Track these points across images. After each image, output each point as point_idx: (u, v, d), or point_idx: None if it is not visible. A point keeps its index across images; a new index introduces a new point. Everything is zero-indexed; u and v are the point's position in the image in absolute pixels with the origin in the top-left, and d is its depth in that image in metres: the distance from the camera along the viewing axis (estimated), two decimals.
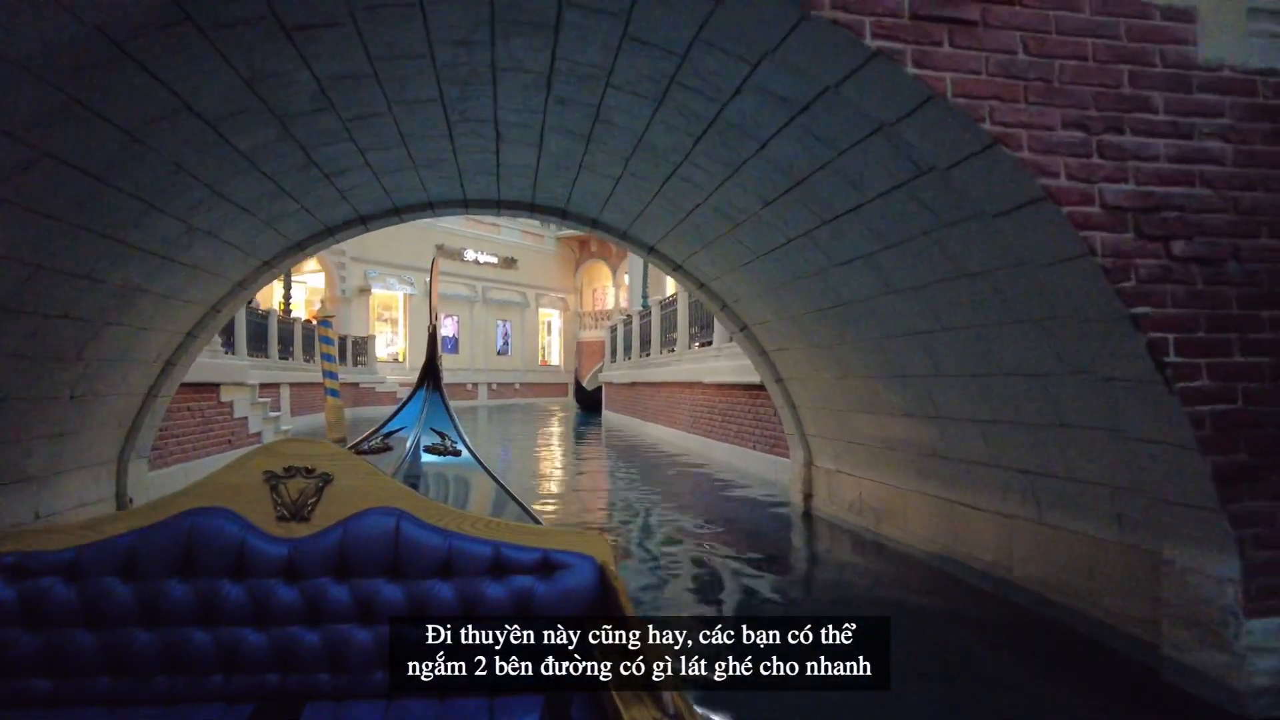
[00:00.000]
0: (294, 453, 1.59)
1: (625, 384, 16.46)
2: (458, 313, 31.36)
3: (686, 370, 11.08)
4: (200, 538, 1.50)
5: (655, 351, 13.91)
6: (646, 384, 14.19)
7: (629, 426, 15.73)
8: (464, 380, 31.00)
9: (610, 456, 11.18)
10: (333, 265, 26.65)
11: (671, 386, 12.11)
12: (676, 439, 11.61)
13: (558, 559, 1.60)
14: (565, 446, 13.50)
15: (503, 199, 5.60)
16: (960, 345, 3.59)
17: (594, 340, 35.44)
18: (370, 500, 1.59)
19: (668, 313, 13.18)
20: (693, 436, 10.74)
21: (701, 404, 10.29)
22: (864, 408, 4.82)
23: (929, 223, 3.13)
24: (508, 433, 16.41)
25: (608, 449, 12.31)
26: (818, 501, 5.96)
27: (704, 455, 9.90)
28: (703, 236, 5.06)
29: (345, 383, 23.11)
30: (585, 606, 1.56)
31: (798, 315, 4.96)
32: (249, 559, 1.51)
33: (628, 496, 7.63)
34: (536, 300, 35.02)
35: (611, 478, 8.99)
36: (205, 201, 3.93)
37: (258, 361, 15.15)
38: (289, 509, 1.56)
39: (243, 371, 8.66)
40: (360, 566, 1.54)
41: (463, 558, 1.58)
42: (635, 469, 9.52)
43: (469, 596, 1.55)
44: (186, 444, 7.36)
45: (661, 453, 10.96)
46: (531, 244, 34.89)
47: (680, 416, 11.55)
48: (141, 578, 1.48)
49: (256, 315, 15.45)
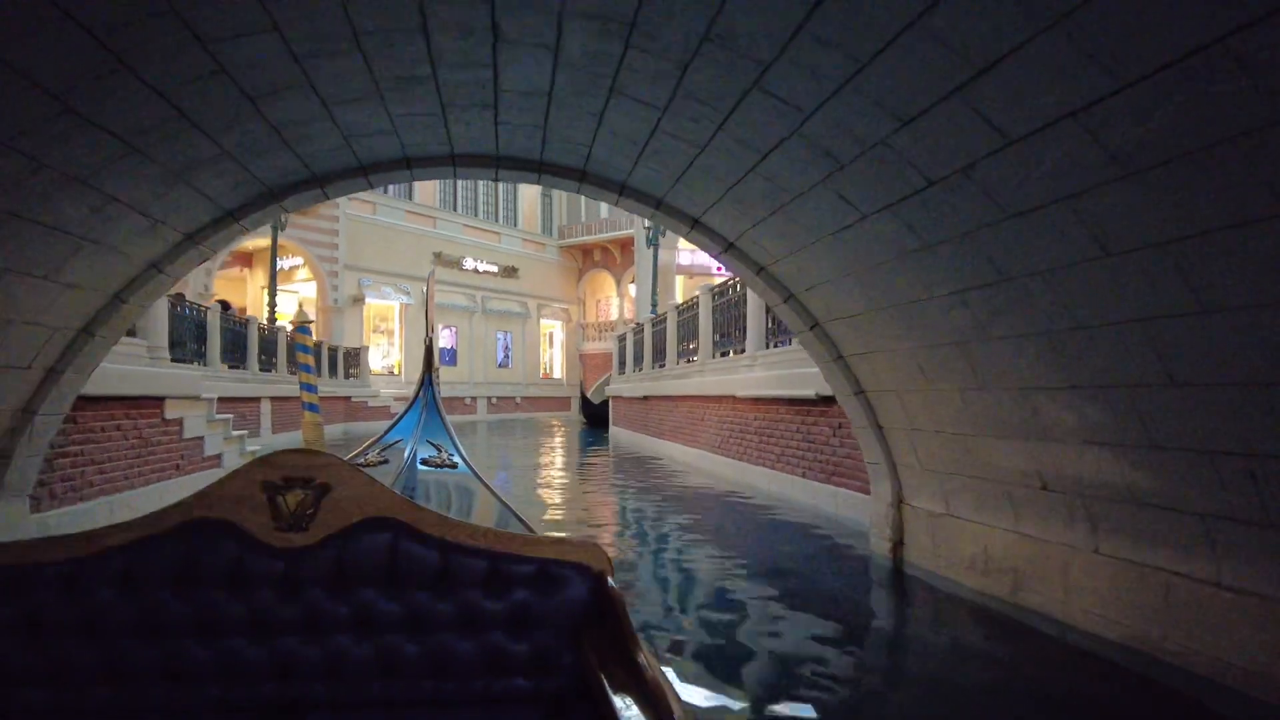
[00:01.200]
0: (292, 463, 1.52)
1: (636, 398, 15.08)
2: (456, 323, 30.04)
3: (711, 383, 9.71)
4: (198, 549, 1.47)
5: (671, 362, 12.54)
6: (661, 398, 12.81)
7: (640, 445, 14.33)
8: (462, 394, 29.62)
9: (622, 479, 9.78)
10: (324, 273, 25.37)
11: (692, 401, 10.74)
12: (699, 460, 10.22)
13: (555, 570, 1.57)
14: (571, 469, 12.10)
15: (502, 155, 4.25)
16: (1228, 336, 2.24)
17: (597, 353, 34.10)
18: (368, 510, 1.53)
19: (686, 319, 11.83)
20: (719, 458, 9.35)
21: (731, 421, 8.91)
22: (1009, 431, 3.45)
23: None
24: (507, 451, 15.01)
25: (619, 471, 10.91)
26: (914, 553, 4.57)
27: (735, 481, 8.51)
28: (768, 200, 3.72)
29: (336, 396, 21.78)
30: (583, 617, 1.54)
31: (907, 303, 3.60)
32: (247, 570, 1.48)
33: (649, 533, 6.25)
34: (538, 311, 33.70)
35: (626, 508, 7.59)
36: (55, 123, 2.59)
37: (236, 374, 13.79)
38: (287, 519, 1.51)
39: (193, 383, 7.28)
40: (357, 577, 1.52)
41: (459, 569, 1.55)
42: (654, 496, 8.14)
43: (466, 607, 1.53)
44: (113, 472, 5.97)
45: (682, 477, 9.56)
46: (533, 252, 33.63)
47: (703, 435, 10.16)
48: (139, 589, 1.45)
49: (233, 322, 14.11)
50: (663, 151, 3.86)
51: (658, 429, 13.12)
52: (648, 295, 24.12)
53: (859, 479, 5.78)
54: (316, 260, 25.19)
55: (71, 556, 1.44)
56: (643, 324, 15.45)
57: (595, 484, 9.75)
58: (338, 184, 4.26)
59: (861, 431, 4.84)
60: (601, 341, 34.17)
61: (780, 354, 7.69)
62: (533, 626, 1.54)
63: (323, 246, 25.28)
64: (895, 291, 3.63)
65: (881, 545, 4.81)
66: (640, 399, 14.58)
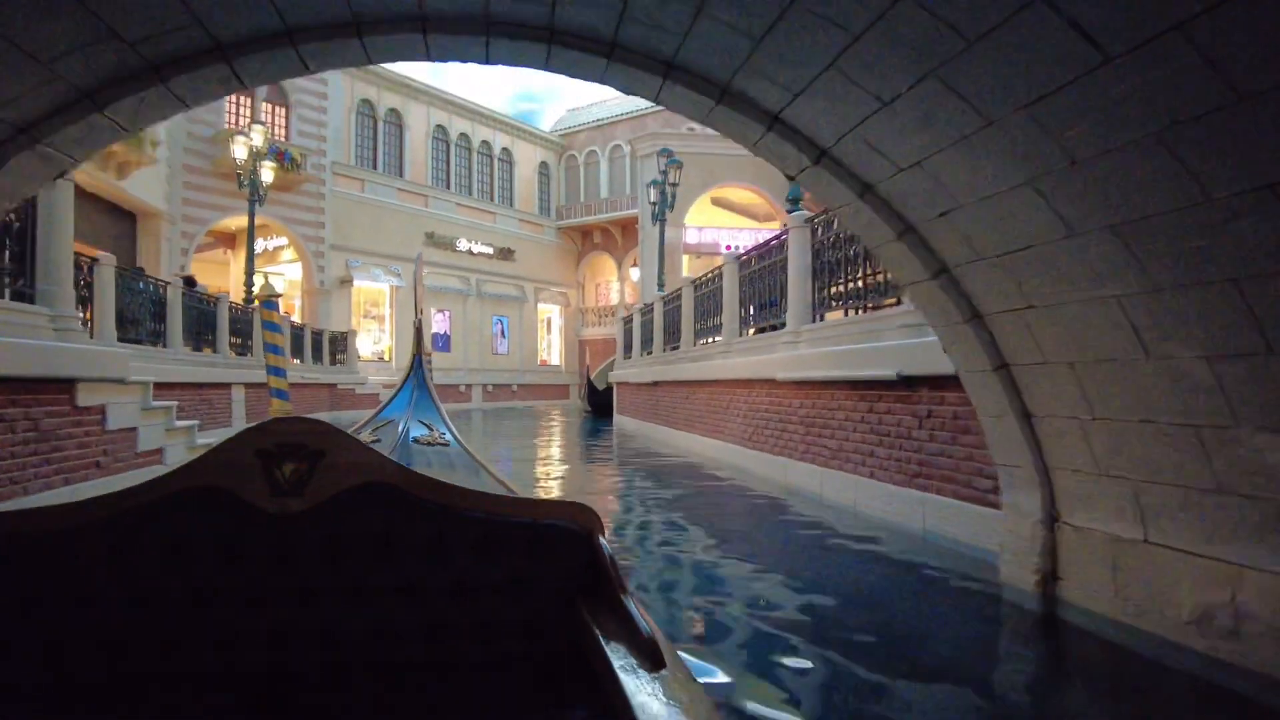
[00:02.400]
0: (287, 430, 1.48)
1: (644, 384, 13.73)
2: (450, 307, 28.63)
3: (739, 365, 8.37)
4: (190, 516, 1.44)
5: (687, 343, 11.18)
6: (675, 383, 11.47)
7: (651, 435, 12.99)
8: (456, 381, 28.26)
9: (635, 477, 8.45)
10: (310, 253, 23.94)
11: (714, 386, 9.39)
12: (724, 454, 8.88)
13: (547, 530, 1.56)
14: (574, 462, 10.77)
15: (494, 14, 2.88)
16: None
17: (598, 338, 32.74)
18: (362, 475, 1.50)
19: (706, 293, 10.46)
20: (751, 453, 8.02)
21: (767, 409, 7.58)
22: None
23: None
24: (502, 440, 13.68)
25: (628, 466, 9.57)
26: (1078, 592, 3.24)
27: (777, 482, 7.18)
28: (905, 68, 2.38)
29: (320, 384, 20.40)
30: (575, 576, 1.54)
31: (1135, 222, 2.26)
32: (240, 537, 1.45)
33: (679, 549, 4.92)
34: (535, 295, 32.30)
35: (646, 512, 6.26)
36: None
37: (204, 358, 12.40)
38: (282, 485, 1.47)
39: (116, 363, 5.92)
40: (352, 543, 1.50)
41: (453, 532, 1.53)
42: (678, 499, 6.82)
43: (459, 570, 1.52)
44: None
45: (707, 475, 8.22)
46: (530, 234, 32.19)
47: (730, 424, 8.82)
48: (129, 559, 1.41)
49: (201, 300, 12.70)
50: (735, 2, 2.50)
51: (670, 418, 11.78)
52: (654, 275, 22.72)
53: (963, 485, 4.45)
54: (301, 240, 23.74)
55: (58, 527, 1.40)
56: (652, 303, 14.09)
57: (605, 483, 8.42)
58: (252, 59, 2.87)
59: (994, 421, 3.50)
60: (602, 327, 32.80)
61: (833, 328, 6.35)
62: (526, 588, 1.53)
63: (307, 225, 23.83)
64: (1119, 201, 2.27)
65: (1021, 578, 3.48)
66: (649, 385, 13.24)
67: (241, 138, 15.65)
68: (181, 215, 20.81)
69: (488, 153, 30.99)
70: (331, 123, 24.44)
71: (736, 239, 22.75)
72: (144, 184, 18.68)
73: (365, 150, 26.33)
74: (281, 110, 23.35)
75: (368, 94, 26.19)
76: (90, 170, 16.17)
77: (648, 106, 31.86)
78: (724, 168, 22.38)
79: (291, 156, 22.15)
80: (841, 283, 6.33)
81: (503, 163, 31.69)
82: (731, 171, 22.44)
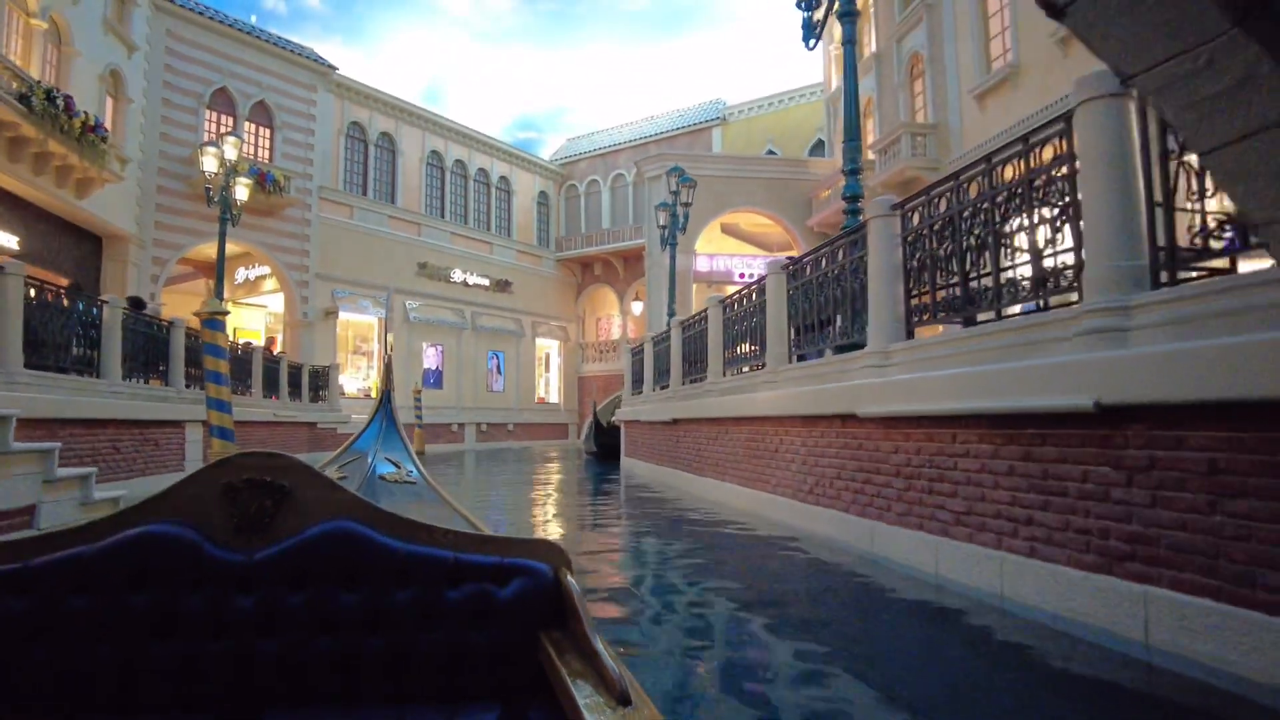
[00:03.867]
0: (254, 465, 1.51)
1: (660, 422, 12.02)
2: (443, 341, 26.99)
3: (791, 398, 6.71)
4: (156, 549, 1.43)
5: (715, 374, 9.51)
6: (700, 421, 9.78)
7: (669, 482, 11.24)
8: (448, 420, 26.49)
9: (661, 537, 6.72)
10: (293, 282, 22.34)
11: (756, 424, 7.71)
12: (772, 510, 7.16)
13: (513, 566, 1.56)
14: (578, 516, 9.03)
15: None
16: None
17: (598, 375, 31.08)
18: (329, 512, 1.53)
19: (739, 314, 8.83)
20: (814, 509, 6.31)
21: (840, 453, 5.89)
22: None
23: None
24: (495, 490, 11.92)
25: (648, 521, 7.82)
26: None
27: (858, 550, 5.46)
28: None
29: (298, 422, 18.63)
30: (542, 612, 1.53)
31: None
32: (206, 570, 1.45)
33: (759, 667, 3.20)
34: (533, 329, 30.69)
35: (691, 608, 4.52)
36: None
37: (149, 390, 10.68)
38: (247, 521, 1.48)
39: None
40: (317, 576, 1.49)
41: (419, 566, 1.53)
42: (712, 567, 5.09)
43: (425, 603, 1.51)
44: None
45: (754, 537, 6.49)
46: (528, 265, 30.74)
47: (779, 472, 7.12)
48: (95, 591, 1.41)
49: (150, 325, 10.99)
50: None
51: (695, 462, 10.06)
52: (662, 305, 21.17)
53: (1233, 579, 2.76)
54: (283, 268, 22.15)
55: (25, 559, 1.40)
56: (668, 330, 12.46)
57: (617, 533, 6.69)
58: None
59: None
60: (603, 363, 31.17)
61: (951, 343, 4.70)
62: (492, 622, 1.52)
63: (290, 253, 22.28)
64: None
65: None
66: (666, 424, 11.53)
67: (211, 149, 14.14)
68: (153, 240, 19.28)
69: (485, 181, 29.69)
70: (319, 145, 23.09)
71: (751, 267, 21.25)
72: (110, 204, 17.17)
73: (355, 175, 24.95)
74: (266, 131, 21.99)
75: (358, 116, 24.91)
76: (45, 186, 14.66)
77: (651, 133, 30.74)
78: (736, 192, 21.03)
79: (274, 178, 20.71)
80: (955, 282, 4.70)
81: (500, 191, 30.38)
82: (743, 196, 21.08)
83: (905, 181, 16.51)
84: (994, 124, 14.28)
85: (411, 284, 25.80)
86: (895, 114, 17.98)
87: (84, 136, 14.34)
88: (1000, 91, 14.11)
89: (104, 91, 16.75)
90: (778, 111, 27.73)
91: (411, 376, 24.74)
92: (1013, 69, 13.68)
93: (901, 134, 16.00)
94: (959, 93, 15.41)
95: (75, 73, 15.43)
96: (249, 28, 21.79)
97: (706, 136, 28.82)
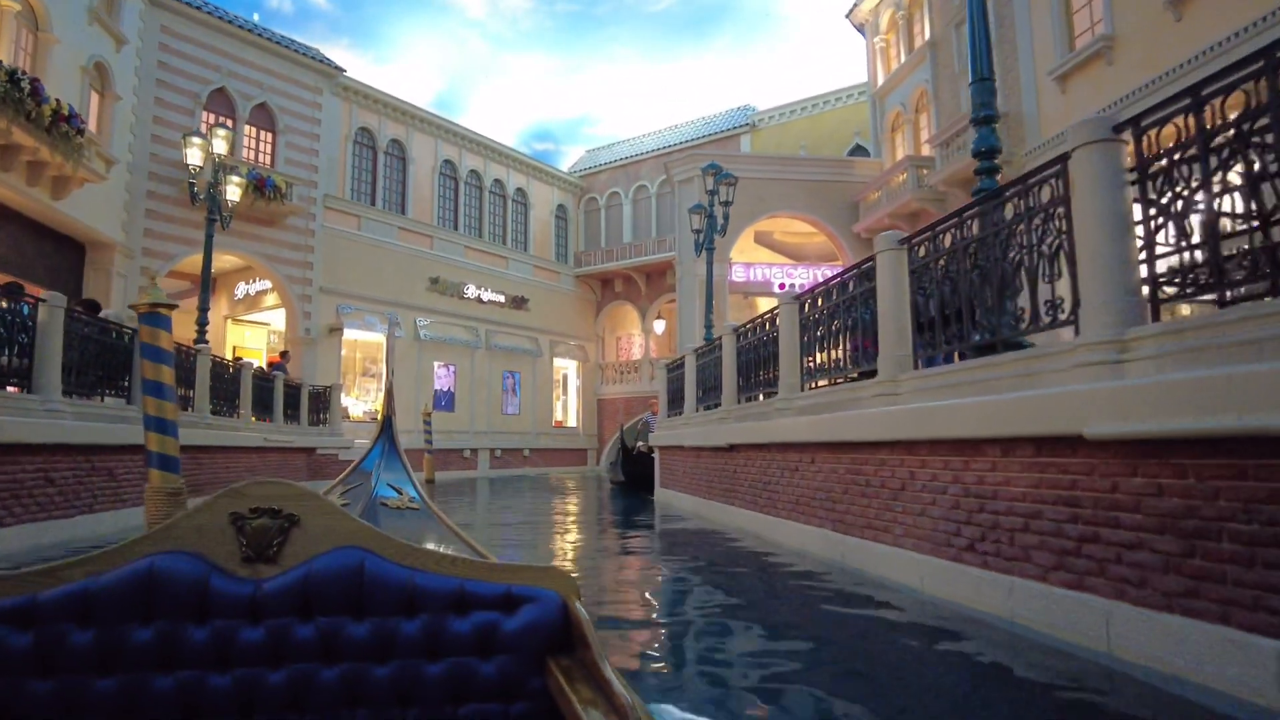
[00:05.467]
0: (261, 494, 1.50)
1: (710, 448, 10.16)
2: (455, 361, 25.27)
3: (921, 414, 4.86)
4: (162, 580, 1.41)
5: (790, 387, 7.67)
6: (770, 447, 7.92)
7: (725, 522, 9.35)
8: (460, 445, 24.71)
9: (760, 621, 4.87)
10: (295, 297, 20.73)
11: (855, 451, 5.85)
12: (895, 570, 5.27)
13: (521, 593, 1.54)
14: (629, 580, 7.20)
15: None
16: None
17: (618, 397, 29.26)
18: (337, 540, 1.52)
19: (822, 311, 7.00)
20: (978, 574, 4.42)
21: (1026, 493, 4.02)
22: None
23: None
24: (504, 527, 10.09)
25: (728, 587, 5.96)
26: None
27: (1093, 658, 3.58)
28: None
29: (295, 448, 16.88)
30: (550, 640, 1.51)
31: None
32: (212, 600, 1.43)
33: None
34: (550, 349, 28.95)
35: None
36: None
37: (102, 408, 8.95)
38: (255, 550, 1.47)
39: None
40: (325, 605, 1.48)
41: (426, 594, 1.52)
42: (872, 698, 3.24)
43: (433, 632, 1.50)
44: None
45: (898, 623, 4.60)
46: (545, 281, 29.10)
47: (904, 519, 5.23)
48: (100, 623, 1.39)
49: (104, 332, 9.28)
50: None
51: (762, 498, 8.18)
52: (694, 318, 19.42)
53: None
54: (285, 281, 20.56)
55: (28, 592, 1.38)
56: (717, 339, 10.65)
57: (681, 601, 4.85)
58: None
59: None
60: (623, 384, 29.36)
61: None
62: (500, 650, 1.50)
63: (294, 265, 20.71)
64: None
65: None
66: (719, 450, 9.67)
67: (196, 139, 12.56)
68: (142, 249, 17.74)
69: (500, 192, 28.18)
70: (324, 151, 21.63)
71: (792, 277, 19.44)
72: (93, 208, 15.64)
73: (363, 183, 23.46)
74: (268, 135, 20.56)
75: (367, 121, 23.48)
76: (13, 184, 13.12)
77: (676, 141, 29.19)
78: (773, 195, 19.29)
79: (274, 183, 19.19)
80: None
81: (517, 204, 28.85)
82: (782, 199, 19.33)
83: (973, 177, 14.70)
84: (1079, 108, 12.49)
85: (422, 300, 24.17)
86: (955, 106, 16.25)
87: (56, 127, 12.82)
88: (1088, 71, 12.33)
89: (87, 85, 15.29)
90: (811, 116, 26.09)
91: (421, 398, 23.03)
92: (1105, 42, 11.90)
93: (967, 124, 14.22)
94: (1034, 76, 13.65)
95: (53, 62, 13.99)
96: (251, 26, 20.45)
97: (735, 144, 27.20)
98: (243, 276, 22.06)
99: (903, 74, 18.37)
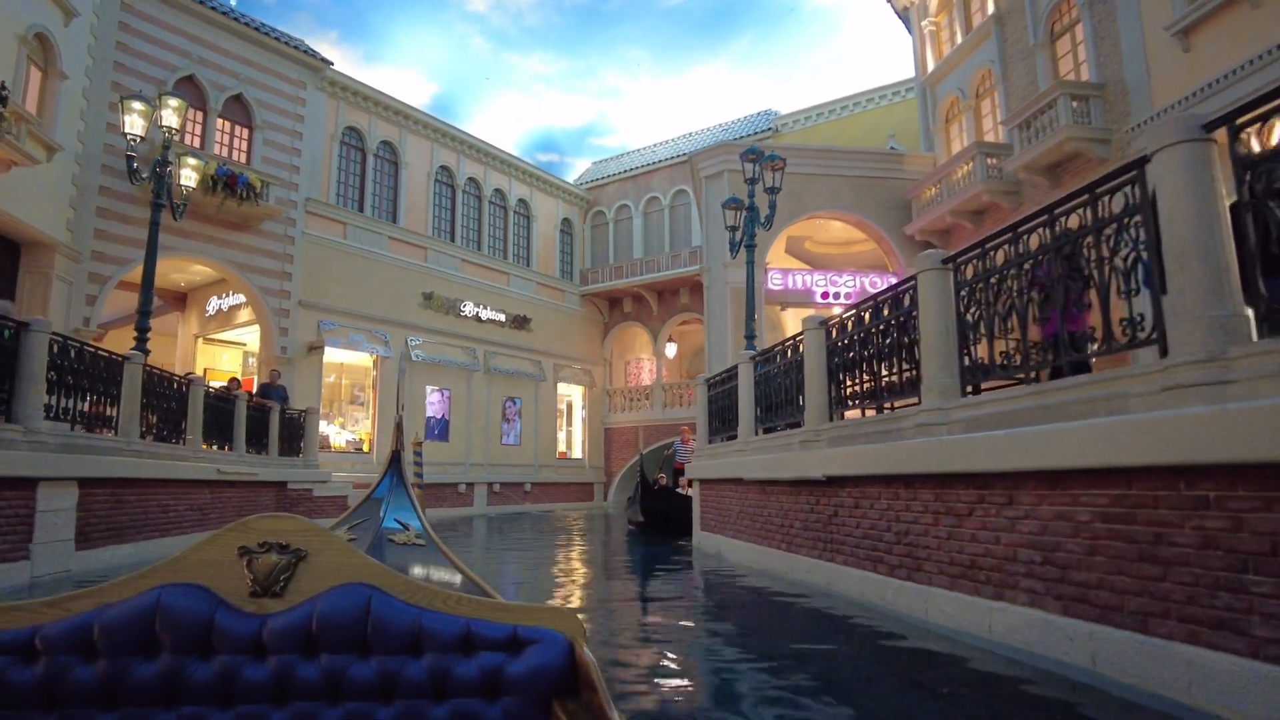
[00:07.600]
0: (270, 529, 1.50)
1: (790, 481, 7.71)
2: (451, 385, 22.80)
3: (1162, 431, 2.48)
4: (168, 614, 1.41)
5: (942, 390, 5.28)
6: (907, 479, 5.50)
7: (808, 581, 6.89)
8: (455, 480, 22.13)
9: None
10: (270, 311, 18.33)
11: (1106, 484, 3.45)
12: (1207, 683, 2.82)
13: (527, 635, 1.53)
14: None
15: None
16: None
17: (626, 426, 26.80)
18: (344, 576, 1.51)
19: (998, 272, 4.64)
20: None
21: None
22: None
23: None
24: (507, 584, 7.61)
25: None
26: None
27: None
28: None
29: (261, 482, 14.37)
30: (556, 682, 1.49)
31: None
32: (218, 635, 1.43)
33: None
34: (554, 372, 26.53)
35: None
36: None
37: None
38: (262, 585, 1.47)
39: None
40: (330, 643, 1.47)
41: (432, 634, 1.51)
42: None
43: (438, 673, 1.49)
44: None
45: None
46: (549, 300, 26.79)
47: (1162, 587, 2.80)
48: (104, 656, 1.39)
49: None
50: None
51: (896, 557, 5.73)
52: (724, 332, 17.08)
53: None
54: (259, 294, 18.18)
55: (34, 623, 1.39)
56: (781, 346, 8.27)
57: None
58: None
59: None
60: (633, 412, 26.92)
61: None
62: (505, 692, 1.49)
63: (269, 275, 18.37)
64: None
65: None
66: (806, 483, 7.23)
67: (136, 103, 10.28)
68: (91, 251, 15.37)
69: (501, 203, 26.00)
70: (307, 151, 19.42)
71: (836, 285, 17.12)
72: (28, 202, 13.28)
73: (350, 187, 21.22)
74: (244, 130, 18.34)
75: (356, 120, 21.32)
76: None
77: (691, 150, 27.12)
78: (813, 192, 17.08)
79: (248, 181, 16.92)
80: None
81: (519, 216, 26.65)
82: (824, 197, 17.12)
83: (1063, 160, 12.51)
84: (1208, 68, 10.32)
85: (414, 317, 21.78)
86: (1030, 83, 14.12)
87: None
88: (1224, 18, 10.16)
89: (25, 57, 13.07)
90: (840, 119, 24.09)
91: (412, 425, 20.51)
92: None
93: (1058, 96, 12.05)
94: (1141, 37, 11.50)
95: None
96: (227, 9, 18.36)
97: None
98: (215, 290, 19.72)
99: (960, 56, 16.30)
